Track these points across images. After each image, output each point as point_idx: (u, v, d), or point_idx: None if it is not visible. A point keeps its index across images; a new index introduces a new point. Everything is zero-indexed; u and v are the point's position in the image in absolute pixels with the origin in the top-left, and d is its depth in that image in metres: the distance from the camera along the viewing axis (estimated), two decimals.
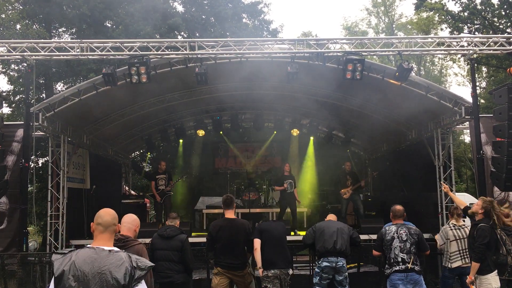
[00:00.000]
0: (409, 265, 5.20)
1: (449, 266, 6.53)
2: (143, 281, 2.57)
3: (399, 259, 5.24)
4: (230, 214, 5.97)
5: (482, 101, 24.10)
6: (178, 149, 16.04)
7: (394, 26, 30.88)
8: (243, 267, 5.89)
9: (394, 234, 5.36)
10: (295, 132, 14.78)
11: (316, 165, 15.21)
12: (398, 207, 5.63)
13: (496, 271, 5.21)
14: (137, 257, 2.63)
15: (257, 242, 5.97)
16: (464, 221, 6.82)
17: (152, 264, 2.76)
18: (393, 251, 5.29)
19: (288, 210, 11.36)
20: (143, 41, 8.91)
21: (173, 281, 5.45)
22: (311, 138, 15.37)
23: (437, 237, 7.01)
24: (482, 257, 5.18)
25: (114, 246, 3.70)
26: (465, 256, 6.30)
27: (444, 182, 9.91)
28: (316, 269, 6.30)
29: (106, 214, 2.86)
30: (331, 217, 6.74)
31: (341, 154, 14.96)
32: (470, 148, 13.52)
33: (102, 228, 2.78)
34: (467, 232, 6.21)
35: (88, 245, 2.69)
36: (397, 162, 12.78)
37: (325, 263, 6.16)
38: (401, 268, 5.21)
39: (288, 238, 7.13)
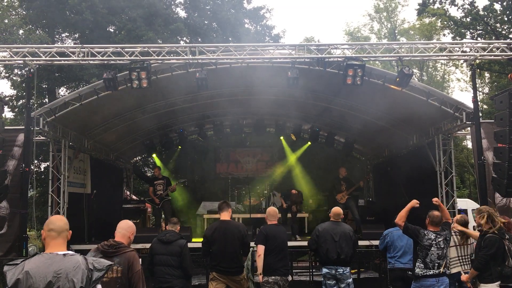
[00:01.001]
0: (442, 270, 5.25)
1: (448, 272, 6.47)
2: (99, 286, 2.54)
3: (436, 265, 5.26)
4: (225, 216, 5.98)
5: (484, 106, 24.05)
6: (179, 154, 16.03)
7: (396, 31, 30.86)
8: (240, 272, 5.86)
9: (432, 242, 5.29)
10: (295, 137, 14.73)
11: (317, 170, 15.16)
12: (437, 213, 5.53)
13: (498, 282, 5.14)
14: (93, 259, 2.59)
15: (261, 249, 5.90)
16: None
17: (111, 263, 2.71)
18: (430, 256, 5.27)
19: (289, 215, 11.49)
20: (144, 46, 8.92)
21: (171, 286, 5.45)
22: (308, 142, 15.30)
23: None
24: (482, 267, 5.15)
25: (106, 251, 3.65)
26: (465, 263, 6.23)
27: (445, 188, 9.89)
28: (322, 277, 6.47)
29: (58, 220, 2.82)
30: (335, 213, 6.54)
31: (343, 159, 14.93)
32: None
33: (55, 233, 2.72)
34: (469, 239, 6.18)
35: (41, 252, 2.64)
36: (398, 167, 12.73)
37: (325, 270, 6.30)
38: (435, 272, 5.23)
39: (289, 243, 7.09)
